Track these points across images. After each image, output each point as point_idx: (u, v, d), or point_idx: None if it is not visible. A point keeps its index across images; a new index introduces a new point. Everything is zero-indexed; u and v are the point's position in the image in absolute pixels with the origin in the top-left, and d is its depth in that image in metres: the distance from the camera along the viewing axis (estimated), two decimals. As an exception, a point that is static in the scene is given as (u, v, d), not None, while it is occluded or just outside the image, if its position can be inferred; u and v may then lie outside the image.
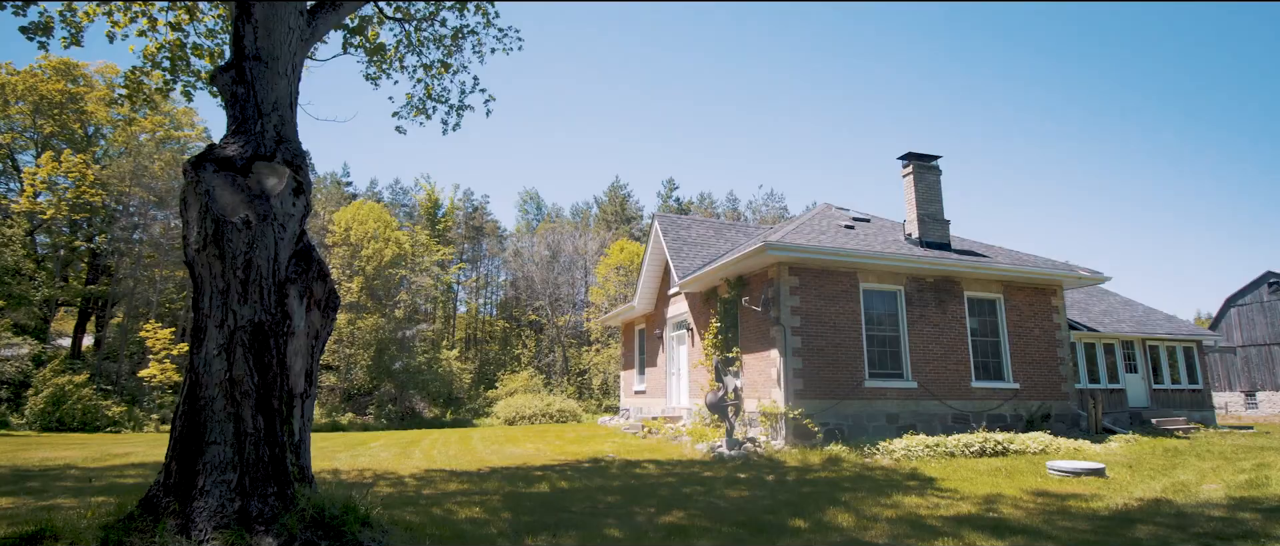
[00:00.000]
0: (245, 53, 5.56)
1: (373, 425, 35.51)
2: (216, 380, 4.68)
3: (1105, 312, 19.00)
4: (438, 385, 40.94)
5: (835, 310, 13.71)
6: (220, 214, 4.79)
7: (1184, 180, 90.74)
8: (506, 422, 33.94)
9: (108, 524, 4.58)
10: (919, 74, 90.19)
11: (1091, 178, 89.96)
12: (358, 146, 79.00)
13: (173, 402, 30.10)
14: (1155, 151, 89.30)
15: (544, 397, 38.69)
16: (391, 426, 35.04)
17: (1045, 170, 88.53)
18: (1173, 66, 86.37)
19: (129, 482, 9.11)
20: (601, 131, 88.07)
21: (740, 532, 6.55)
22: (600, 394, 44.23)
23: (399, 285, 43.57)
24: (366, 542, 4.82)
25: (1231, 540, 6.02)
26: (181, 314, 38.45)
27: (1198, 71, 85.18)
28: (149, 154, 35.05)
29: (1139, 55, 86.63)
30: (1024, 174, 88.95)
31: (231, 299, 4.74)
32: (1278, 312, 33.27)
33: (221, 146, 5.20)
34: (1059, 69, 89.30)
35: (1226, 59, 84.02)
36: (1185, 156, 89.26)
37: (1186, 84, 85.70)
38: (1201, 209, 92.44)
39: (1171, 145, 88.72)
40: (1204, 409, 18.68)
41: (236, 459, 4.63)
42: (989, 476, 10.15)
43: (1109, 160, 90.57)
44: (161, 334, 31.47)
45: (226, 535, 4.39)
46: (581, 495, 8.52)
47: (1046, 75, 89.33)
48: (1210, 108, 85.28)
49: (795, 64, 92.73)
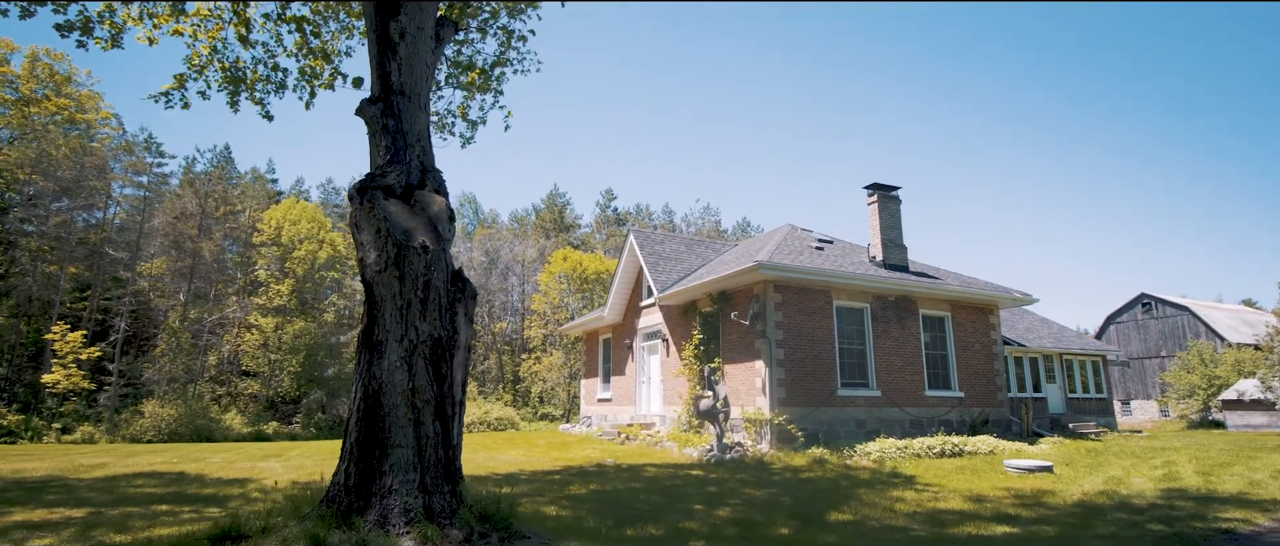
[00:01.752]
0: (392, 88, 6.05)
1: (301, 434, 34.08)
2: (399, 390, 5.18)
3: (1028, 329, 21.49)
4: (371, 392, 39.65)
5: (813, 325, 15.02)
6: (402, 239, 5.30)
7: (1073, 210, 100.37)
8: (444, 430, 33.48)
9: (304, 517, 4.99)
10: (852, 100, 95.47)
11: (996, 202, 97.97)
12: (284, 142, 75.30)
13: (74, 411, 28.05)
14: (1053, 182, 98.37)
15: (481, 405, 38.42)
16: (320, 436, 33.81)
17: (952, 191, 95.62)
18: (1063, 107, 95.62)
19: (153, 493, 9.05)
20: (541, 140, 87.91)
21: (795, 523, 7.51)
22: (537, 402, 44.28)
23: (329, 288, 42.13)
24: (522, 534, 5.43)
25: (1187, 520, 7.53)
26: (84, 315, 35.66)
27: (1086, 113, 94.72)
28: (52, 140, 32.47)
29: (1027, 95, 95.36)
30: (941, 195, 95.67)
31: (412, 316, 5.25)
32: (1149, 330, 37.91)
33: (381, 175, 5.69)
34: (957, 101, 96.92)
35: (1107, 103, 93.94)
36: (1077, 187, 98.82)
37: (1077, 124, 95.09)
38: (1087, 236, 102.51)
39: (1068, 176, 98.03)
40: (1107, 415, 21.48)
41: (417, 461, 5.15)
42: (958, 474, 11.61)
43: (1012, 187, 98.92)
44: (72, 337, 29.33)
45: (418, 529, 4.92)
46: (625, 495, 9.24)
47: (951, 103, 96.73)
48: (1096, 148, 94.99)
49: (731, 80, 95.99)
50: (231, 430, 30.87)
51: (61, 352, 29.04)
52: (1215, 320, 34.87)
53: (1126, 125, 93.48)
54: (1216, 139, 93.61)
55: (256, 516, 5.15)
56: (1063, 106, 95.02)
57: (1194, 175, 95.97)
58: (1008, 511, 8.18)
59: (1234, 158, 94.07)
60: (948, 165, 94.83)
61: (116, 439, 27.45)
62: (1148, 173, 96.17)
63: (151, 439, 27.41)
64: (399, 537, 4.83)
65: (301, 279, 38.58)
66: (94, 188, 35.91)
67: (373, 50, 6.22)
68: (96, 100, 35.96)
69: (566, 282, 43.81)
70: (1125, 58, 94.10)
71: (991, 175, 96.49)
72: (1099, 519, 7.75)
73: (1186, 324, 36.02)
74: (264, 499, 7.54)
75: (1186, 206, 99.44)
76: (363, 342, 5.38)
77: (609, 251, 49.72)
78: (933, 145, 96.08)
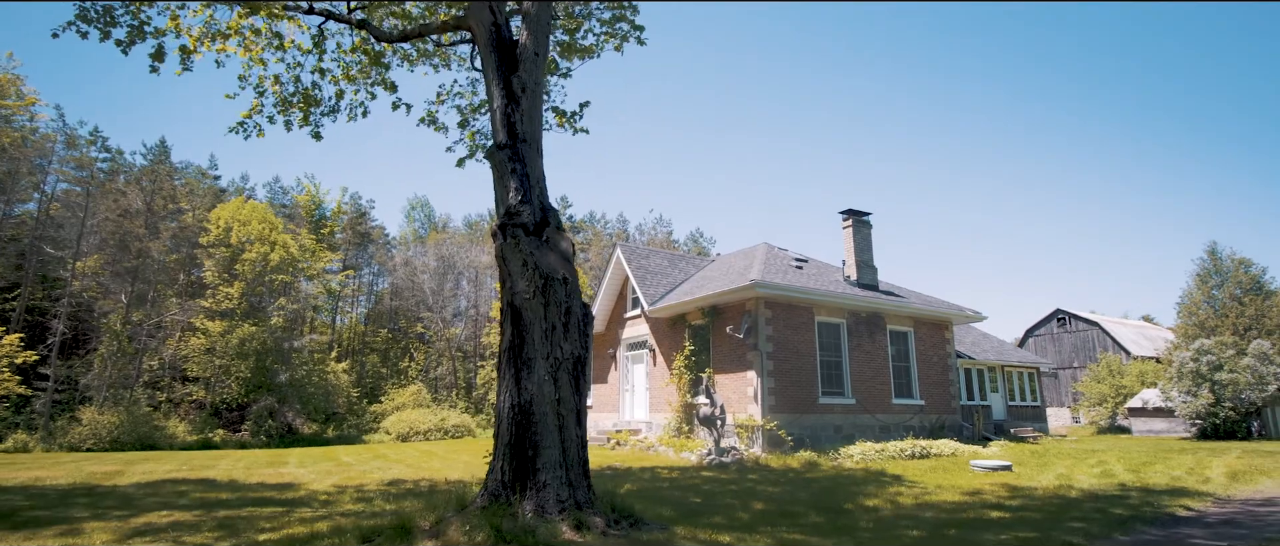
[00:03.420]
0: (517, 136, 6.96)
1: (250, 442, 33.23)
2: (547, 400, 6.10)
3: (974, 344, 23.76)
4: (322, 399, 38.96)
5: (798, 338, 16.46)
6: (548, 272, 6.23)
7: (995, 228, 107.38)
8: (399, 439, 33.20)
9: (472, 511, 5.84)
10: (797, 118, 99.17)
11: (925, 220, 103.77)
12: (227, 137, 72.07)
13: (2, 418, 26.68)
14: (979, 201, 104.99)
15: (437, 412, 38.33)
16: (271, 444, 33.14)
17: (884, 208, 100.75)
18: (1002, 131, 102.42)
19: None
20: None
21: (823, 513, 8.74)
22: (492, 410, 44.38)
23: (280, 291, 41.11)
24: (644, 521, 6.43)
25: (1140, 506, 9.20)
26: (13, 316, 33.72)
27: (1017, 136, 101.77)
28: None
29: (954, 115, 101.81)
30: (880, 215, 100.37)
31: (556, 337, 6.18)
32: (1063, 343, 41.66)
33: (517, 214, 6.59)
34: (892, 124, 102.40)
35: (1033, 125, 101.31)
36: (999, 207, 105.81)
37: (1018, 147, 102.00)
38: (1009, 252, 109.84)
39: (992, 197, 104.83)
40: (1041, 421, 24.00)
41: (563, 459, 6.08)
42: (933, 473, 13.19)
43: (940, 206, 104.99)
44: (9, 339, 28.00)
45: (571, 516, 5.85)
46: (665, 493, 10.26)
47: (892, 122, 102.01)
48: (1019, 168, 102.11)
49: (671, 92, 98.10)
50: (176, 438, 30.02)
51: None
52: (1121, 335, 38.72)
53: (1043, 148, 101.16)
54: (1123, 167, 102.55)
55: (428, 508, 5.94)
56: (983, 129, 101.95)
57: (1105, 199, 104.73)
58: (996, 500, 9.68)
59: (1141, 183, 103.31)
60: (885, 184, 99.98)
61: (52, 447, 26.35)
62: (1064, 195, 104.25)
63: (91, 447, 26.43)
64: (558, 524, 5.75)
65: (252, 282, 37.59)
66: (23, 179, 34.00)
67: (497, 101, 7.09)
68: (17, 84, 33.84)
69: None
70: (1047, 94, 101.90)
71: (922, 194, 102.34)
72: (1073, 506, 9.34)
73: (1096, 338, 39.83)
74: (361, 498, 8.18)
75: (1099, 228, 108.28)
76: (509, 359, 6.26)
77: (565, 260, 50.33)
78: (861, 162, 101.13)
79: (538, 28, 7.37)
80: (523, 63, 7.21)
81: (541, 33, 7.44)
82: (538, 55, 7.29)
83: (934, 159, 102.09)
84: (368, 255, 51.18)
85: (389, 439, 33.53)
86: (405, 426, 34.42)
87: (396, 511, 6.08)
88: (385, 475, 12.91)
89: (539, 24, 7.40)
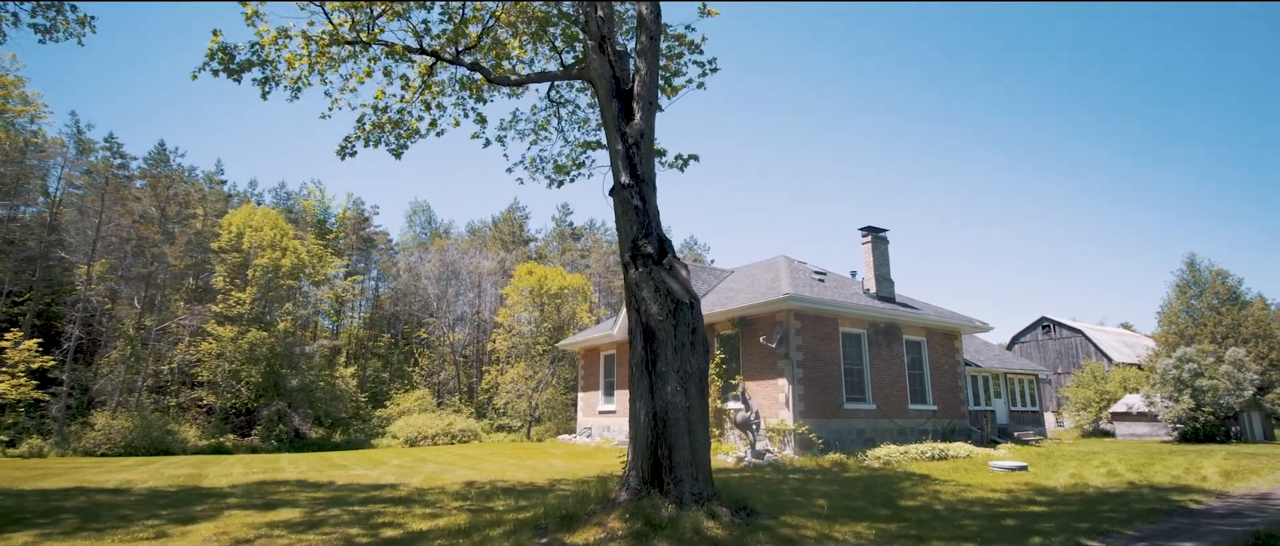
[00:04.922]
0: (639, 177, 7.98)
1: (260, 447, 33.59)
2: (679, 408, 7.11)
3: (977, 351, 25.13)
4: (330, 404, 39.36)
5: (825, 348, 17.60)
6: (678, 298, 7.26)
7: (983, 236, 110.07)
8: (408, 443, 33.58)
9: (616, 503, 6.83)
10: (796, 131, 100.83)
11: (919, 228, 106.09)
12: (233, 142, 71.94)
13: (14, 423, 26.92)
14: (967, 210, 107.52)
15: (444, 417, 38.80)
16: (282, 449, 33.53)
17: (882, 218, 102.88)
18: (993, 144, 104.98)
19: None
20: (495, 152, 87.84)
21: (882, 507, 9.81)
22: (495, 414, 45.00)
23: (287, 296, 41.50)
24: (758, 512, 7.46)
25: (1154, 501, 10.40)
26: (23, 320, 33.86)
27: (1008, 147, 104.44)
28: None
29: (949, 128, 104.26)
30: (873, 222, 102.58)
31: (685, 353, 7.20)
32: (1048, 349, 43.39)
33: (642, 246, 7.61)
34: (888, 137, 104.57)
35: (1019, 142, 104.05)
36: (988, 216, 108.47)
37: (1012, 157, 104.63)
38: (997, 260, 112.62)
39: (979, 206, 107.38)
40: (1040, 425, 25.44)
41: (692, 459, 7.09)
42: (958, 472, 14.36)
43: (933, 216, 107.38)
44: (27, 344, 28.33)
45: (704, 507, 6.86)
46: (736, 488, 11.26)
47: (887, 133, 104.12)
48: (1005, 178, 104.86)
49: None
50: (188, 443, 30.40)
51: (13, 361, 27.88)
52: (1103, 342, 40.52)
53: (1026, 162, 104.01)
54: (1103, 180, 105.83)
55: (583, 500, 6.92)
56: (970, 142, 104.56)
57: (1086, 211, 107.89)
58: (1027, 496, 10.84)
59: (1119, 196, 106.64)
60: (873, 194, 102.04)
61: (67, 452, 26.70)
62: (1047, 207, 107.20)
63: (105, 452, 26.78)
64: (696, 514, 6.76)
65: (264, 287, 38.00)
66: (32, 184, 34.17)
67: (618, 146, 8.10)
68: (18, 85, 33.75)
69: (528, 297, 44.94)
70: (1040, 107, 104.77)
71: (909, 205, 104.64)
72: (1098, 501, 10.53)
73: (1079, 345, 41.60)
74: (459, 497, 9.09)
75: (1081, 238, 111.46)
76: (645, 371, 7.26)
77: (568, 266, 51.30)
78: (854, 171, 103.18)
79: (650, 78, 8.39)
80: (639, 109, 8.22)
81: (653, 83, 8.45)
82: (651, 104, 8.32)
83: (919, 170, 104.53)
84: (373, 261, 51.62)
85: (397, 443, 33.98)
86: (413, 431, 34.84)
87: (545, 504, 7.02)
88: (452, 477, 13.78)
89: (651, 74, 8.42)
